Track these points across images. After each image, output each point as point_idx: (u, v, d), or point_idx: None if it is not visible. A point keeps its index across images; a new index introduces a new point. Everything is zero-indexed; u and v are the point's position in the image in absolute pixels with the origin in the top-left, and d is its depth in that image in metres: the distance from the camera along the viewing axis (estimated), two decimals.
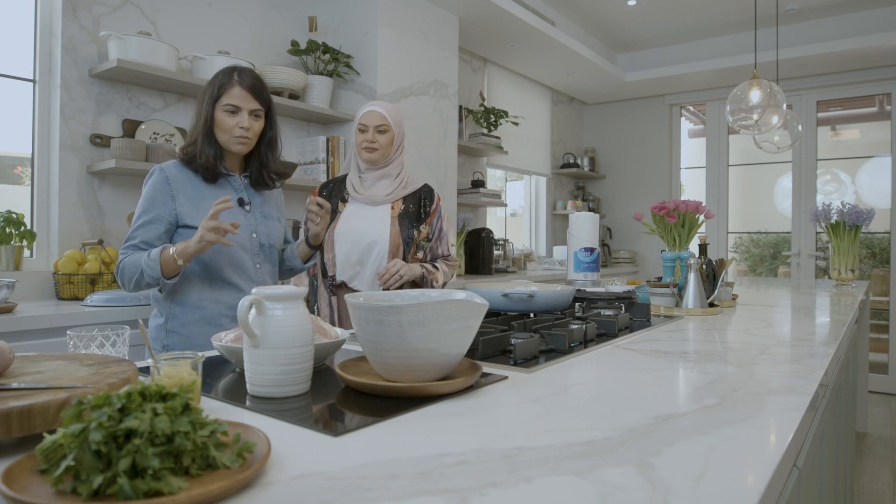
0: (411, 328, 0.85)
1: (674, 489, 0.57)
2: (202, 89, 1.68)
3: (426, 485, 0.58)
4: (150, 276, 1.52)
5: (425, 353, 0.87)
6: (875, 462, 3.48)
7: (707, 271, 2.06)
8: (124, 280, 1.57)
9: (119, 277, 1.58)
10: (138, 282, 1.55)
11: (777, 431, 0.76)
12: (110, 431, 0.53)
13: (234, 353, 1.03)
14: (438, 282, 2.09)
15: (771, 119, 3.40)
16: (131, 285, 1.56)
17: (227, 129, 1.64)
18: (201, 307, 1.65)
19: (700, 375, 1.07)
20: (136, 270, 1.53)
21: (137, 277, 1.54)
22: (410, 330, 0.85)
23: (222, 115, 1.63)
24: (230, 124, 1.64)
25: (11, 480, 0.54)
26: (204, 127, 1.65)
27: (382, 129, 2.05)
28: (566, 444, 0.70)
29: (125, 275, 1.56)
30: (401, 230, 2.03)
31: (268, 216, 1.77)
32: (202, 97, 1.67)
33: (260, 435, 0.65)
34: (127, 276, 1.56)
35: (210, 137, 1.66)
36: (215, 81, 1.66)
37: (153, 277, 1.52)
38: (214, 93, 1.65)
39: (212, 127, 1.65)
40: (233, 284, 1.69)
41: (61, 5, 2.41)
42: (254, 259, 1.74)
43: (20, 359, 0.87)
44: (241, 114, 1.64)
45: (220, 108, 1.64)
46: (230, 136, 1.65)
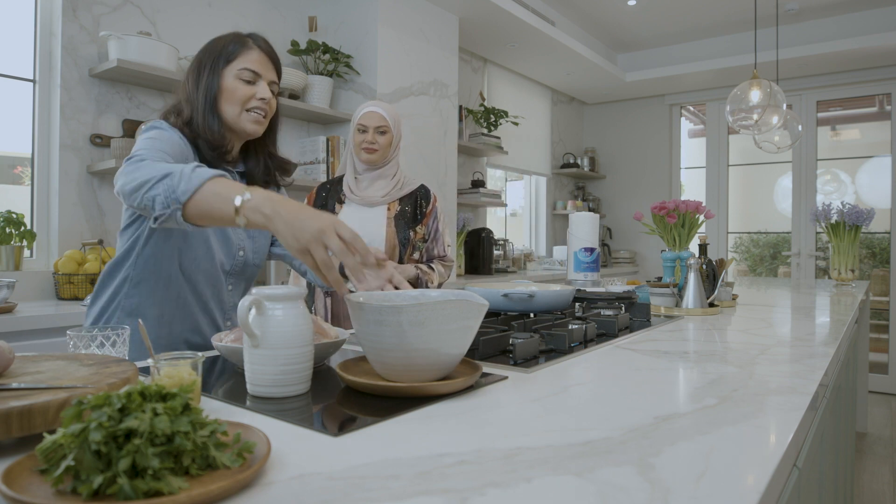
0: (411, 328, 0.85)
1: (674, 489, 0.57)
2: (196, 57, 1.34)
3: (426, 485, 0.58)
4: (160, 192, 1.01)
5: (425, 353, 0.87)
6: (875, 462, 3.48)
7: (707, 271, 2.06)
8: (133, 174, 1.06)
9: (131, 169, 1.08)
10: (141, 188, 1.04)
11: (777, 431, 0.76)
12: (110, 431, 0.53)
13: (233, 354, 1.03)
14: (434, 282, 2.09)
15: (771, 119, 3.40)
16: (130, 185, 1.06)
17: (239, 99, 1.30)
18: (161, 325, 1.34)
19: (700, 375, 1.07)
20: (161, 172, 1.03)
21: (150, 179, 1.03)
22: (410, 330, 0.85)
23: (235, 82, 1.30)
24: (245, 94, 1.30)
25: (11, 480, 0.54)
26: (205, 99, 1.30)
27: (382, 130, 2.05)
28: (566, 444, 0.70)
29: (142, 169, 1.06)
30: (396, 231, 2.03)
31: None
32: (202, 63, 1.32)
33: (260, 435, 0.65)
34: (143, 172, 1.05)
35: (213, 112, 1.31)
36: (222, 44, 1.32)
37: (164, 199, 1.01)
38: (225, 56, 1.31)
39: (216, 99, 1.30)
40: (199, 304, 1.39)
41: (61, 5, 2.41)
42: (228, 279, 1.43)
43: (20, 359, 0.87)
44: (259, 83, 1.31)
45: (230, 75, 1.30)
46: (242, 110, 1.31)
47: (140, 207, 1.05)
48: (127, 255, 1.32)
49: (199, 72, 1.32)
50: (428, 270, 2.07)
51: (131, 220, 1.32)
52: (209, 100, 1.31)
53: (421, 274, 2.04)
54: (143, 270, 1.32)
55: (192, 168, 1.02)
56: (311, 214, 0.91)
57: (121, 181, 1.08)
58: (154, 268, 1.32)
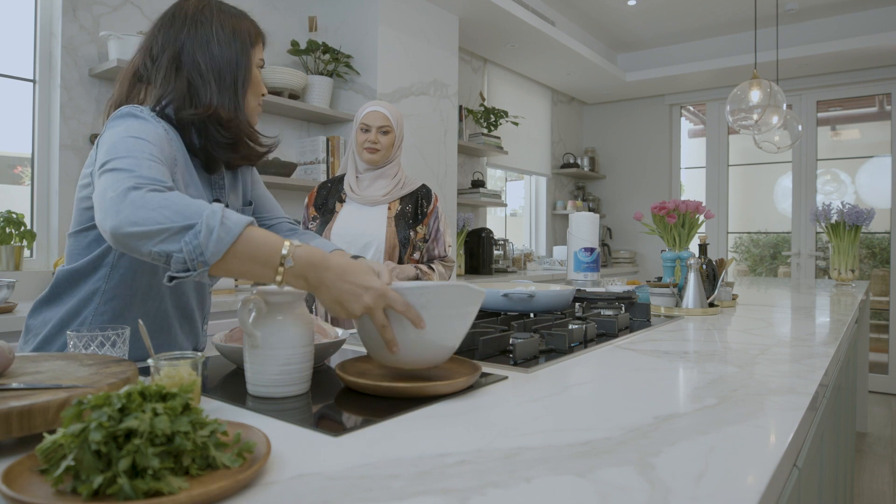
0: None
1: (674, 489, 0.57)
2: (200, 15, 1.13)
3: (426, 485, 0.58)
4: (194, 243, 0.83)
5: (425, 338, 0.88)
6: (875, 462, 3.48)
7: (707, 271, 2.06)
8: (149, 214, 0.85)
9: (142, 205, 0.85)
10: (158, 234, 0.84)
11: (777, 431, 0.76)
12: (110, 431, 0.53)
13: (233, 354, 1.03)
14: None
15: (771, 119, 3.40)
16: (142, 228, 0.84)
17: (259, 92, 1.20)
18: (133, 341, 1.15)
19: (700, 375, 1.07)
20: (186, 217, 0.84)
21: (170, 227, 0.84)
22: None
23: (257, 71, 1.19)
24: (262, 87, 1.21)
25: (11, 480, 0.54)
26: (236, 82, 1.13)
27: (385, 130, 2.05)
28: (566, 444, 0.70)
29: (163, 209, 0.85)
30: (397, 231, 2.03)
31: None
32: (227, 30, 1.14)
33: (260, 435, 0.65)
34: (164, 213, 0.84)
35: (240, 100, 1.15)
36: (244, 20, 1.18)
37: (195, 249, 0.83)
38: (252, 36, 1.17)
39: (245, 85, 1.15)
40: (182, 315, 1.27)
41: (61, 5, 2.41)
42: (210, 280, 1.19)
43: (20, 359, 0.87)
44: (260, 75, 1.23)
45: (254, 61, 1.18)
46: (257, 103, 1.21)
47: (145, 257, 0.87)
48: (94, 266, 1.15)
49: (232, 45, 1.12)
50: (428, 271, 2.07)
51: (94, 224, 1.12)
52: (241, 83, 1.13)
53: (420, 274, 2.03)
54: (119, 284, 1.16)
55: (218, 217, 0.85)
56: (359, 287, 0.86)
57: (119, 219, 0.85)
58: (132, 280, 1.16)
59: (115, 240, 0.87)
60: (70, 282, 1.18)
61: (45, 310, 1.20)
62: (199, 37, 1.12)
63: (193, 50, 1.11)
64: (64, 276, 1.18)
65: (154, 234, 0.84)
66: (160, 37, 1.13)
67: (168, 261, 0.85)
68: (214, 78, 1.11)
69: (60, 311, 1.18)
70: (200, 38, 1.12)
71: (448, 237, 2.17)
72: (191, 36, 1.12)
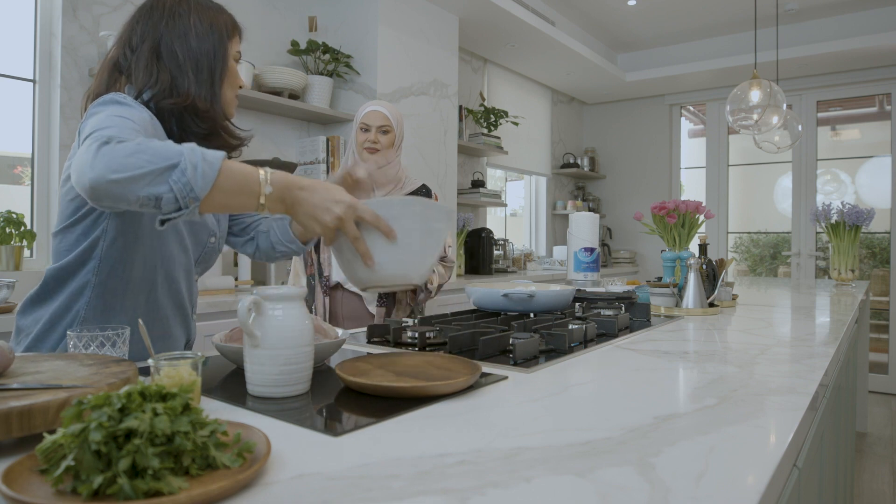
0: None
1: (674, 489, 0.57)
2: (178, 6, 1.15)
3: (426, 485, 0.58)
4: (181, 180, 0.85)
5: (397, 252, 0.92)
6: (875, 462, 3.48)
7: (707, 271, 2.06)
8: (126, 160, 0.85)
9: (117, 155, 0.85)
10: (142, 178, 0.85)
11: (777, 431, 0.76)
12: (110, 431, 0.53)
13: (233, 354, 1.03)
14: (433, 283, 2.06)
15: (771, 119, 3.40)
16: (123, 174, 0.84)
17: (236, 84, 1.21)
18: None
19: (700, 375, 1.07)
20: (165, 158, 0.86)
21: (152, 170, 0.85)
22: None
23: (233, 63, 1.20)
24: (238, 79, 1.23)
25: (11, 480, 0.54)
26: (211, 72, 1.14)
27: (385, 130, 2.05)
28: (566, 444, 0.70)
29: (139, 154, 0.85)
30: None
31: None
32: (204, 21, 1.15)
33: (260, 435, 0.65)
34: (142, 157, 0.85)
35: (216, 90, 1.16)
36: (221, 12, 1.19)
37: (184, 186, 0.85)
38: (229, 28, 1.18)
39: (222, 76, 1.17)
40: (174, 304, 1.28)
41: (61, 5, 2.41)
42: (196, 269, 1.33)
43: (20, 359, 0.87)
44: (238, 67, 1.24)
45: (231, 53, 1.19)
46: (233, 95, 1.22)
47: (133, 205, 0.87)
48: (83, 259, 1.15)
49: (209, 35, 1.14)
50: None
51: (80, 217, 1.13)
52: (218, 74, 1.15)
53: None
54: (110, 276, 1.16)
55: (198, 153, 0.87)
56: (329, 200, 0.93)
57: (96, 171, 0.84)
58: (123, 272, 1.16)
59: (96, 193, 0.86)
60: (59, 279, 1.17)
61: (34, 308, 1.20)
62: (178, 28, 1.13)
63: (171, 41, 1.12)
64: (52, 273, 1.18)
65: (138, 179, 0.84)
66: (139, 28, 1.14)
67: (158, 203, 0.86)
68: (192, 69, 1.12)
69: (51, 308, 1.18)
70: (178, 29, 1.13)
71: (448, 237, 2.17)
72: (169, 27, 1.13)
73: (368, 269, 0.94)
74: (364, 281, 0.97)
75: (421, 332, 1.26)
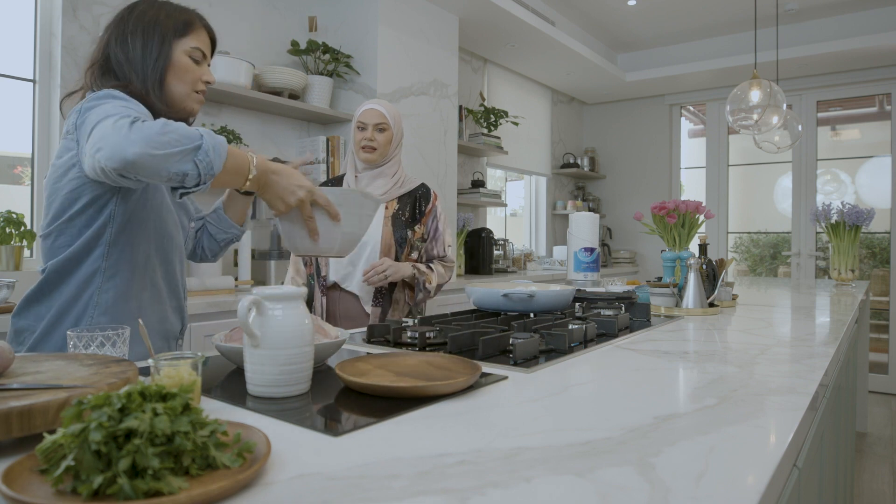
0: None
1: (674, 489, 0.57)
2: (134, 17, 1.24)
3: (426, 485, 0.58)
4: (205, 159, 1.00)
5: (338, 229, 1.19)
6: (875, 462, 3.48)
7: (707, 271, 2.06)
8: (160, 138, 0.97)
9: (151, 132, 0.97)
10: (176, 156, 0.98)
11: (777, 431, 0.76)
12: (110, 431, 0.53)
13: (233, 354, 1.03)
14: (432, 283, 2.05)
15: (771, 119, 3.40)
16: (162, 150, 0.96)
17: (191, 80, 1.26)
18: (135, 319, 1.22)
19: (700, 375, 1.07)
20: (191, 139, 0.99)
21: (183, 149, 0.98)
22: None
23: (186, 60, 1.25)
24: (196, 74, 1.27)
25: (11, 480, 0.54)
26: (155, 70, 1.21)
27: (382, 128, 2.03)
28: (566, 444, 0.70)
29: (169, 133, 0.98)
30: (393, 231, 2.01)
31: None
32: (146, 28, 1.23)
33: (260, 435, 0.65)
34: (173, 136, 0.98)
35: (161, 86, 1.23)
36: (170, 13, 1.26)
37: (206, 165, 1.00)
38: (177, 28, 1.25)
39: (165, 72, 1.23)
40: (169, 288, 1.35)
41: (61, 5, 2.41)
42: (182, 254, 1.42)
43: (20, 358, 0.87)
44: (204, 64, 1.29)
45: (181, 51, 1.25)
46: (191, 91, 1.27)
47: (163, 179, 0.99)
48: (88, 248, 1.20)
49: (145, 37, 1.22)
50: (426, 270, 2.05)
51: (83, 207, 1.17)
52: (159, 72, 1.22)
53: (417, 274, 2.02)
54: (119, 260, 1.21)
55: (213, 136, 1.02)
56: (294, 185, 1.14)
57: (138, 146, 0.94)
58: (130, 255, 1.23)
59: (135, 167, 0.96)
60: (62, 272, 1.20)
61: (35, 306, 1.21)
62: (121, 34, 1.24)
63: (117, 47, 1.23)
64: (55, 267, 1.20)
65: (173, 155, 0.97)
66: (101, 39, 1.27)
67: (183, 178, 1.00)
68: (136, 70, 1.22)
69: (57, 302, 1.20)
70: (122, 35, 1.23)
71: (448, 237, 2.15)
72: (114, 35, 1.24)
73: (311, 241, 1.19)
74: (303, 249, 1.21)
75: (421, 331, 1.26)
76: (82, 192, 1.17)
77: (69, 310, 1.20)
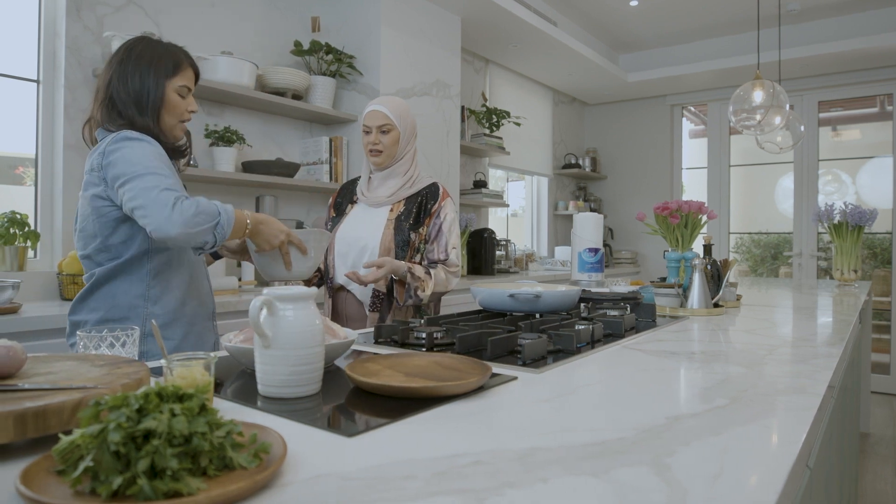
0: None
1: (691, 490, 0.57)
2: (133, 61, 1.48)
3: (443, 485, 0.58)
4: (221, 231, 1.35)
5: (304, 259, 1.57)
6: (878, 462, 3.48)
7: (712, 272, 2.06)
8: (194, 219, 1.30)
9: (188, 215, 1.30)
10: (204, 232, 1.33)
11: (790, 432, 0.76)
12: (129, 432, 0.53)
13: (243, 355, 1.03)
14: (425, 290, 1.87)
15: (774, 119, 3.41)
16: (195, 230, 1.31)
17: (179, 113, 1.52)
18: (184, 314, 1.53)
19: (708, 376, 1.07)
20: (213, 217, 1.33)
21: (209, 227, 1.33)
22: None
23: (175, 97, 1.51)
24: (183, 108, 1.53)
25: (29, 481, 0.54)
26: (153, 108, 1.48)
27: (386, 129, 1.95)
28: (580, 445, 0.70)
29: (200, 215, 1.31)
30: (394, 234, 1.92)
31: None
32: (142, 66, 1.47)
33: (275, 436, 0.65)
34: (203, 217, 1.32)
35: (156, 121, 1.49)
36: (162, 56, 1.50)
37: (221, 235, 1.36)
38: (167, 70, 1.49)
39: (159, 109, 1.49)
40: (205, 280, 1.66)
41: (65, 6, 2.41)
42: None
43: (31, 359, 0.87)
44: (189, 98, 1.54)
45: (171, 89, 1.50)
46: (176, 121, 1.53)
47: (189, 246, 1.39)
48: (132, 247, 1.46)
49: (142, 79, 1.47)
50: (423, 276, 1.88)
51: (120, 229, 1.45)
52: (156, 109, 1.48)
53: (410, 278, 1.86)
54: (161, 262, 1.49)
55: (226, 212, 1.37)
56: (276, 231, 1.50)
57: (178, 228, 1.29)
58: (175, 254, 1.52)
59: (174, 241, 1.34)
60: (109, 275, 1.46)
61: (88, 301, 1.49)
62: (122, 73, 1.47)
63: (118, 84, 1.47)
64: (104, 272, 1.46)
65: (201, 233, 1.33)
66: (104, 75, 1.49)
67: (204, 245, 1.37)
68: (133, 104, 1.47)
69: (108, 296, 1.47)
70: (123, 74, 1.47)
71: (454, 239, 1.99)
72: (116, 74, 1.47)
73: (286, 270, 1.55)
74: (278, 276, 1.56)
75: (429, 332, 1.26)
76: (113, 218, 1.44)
77: (120, 304, 1.46)
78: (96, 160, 1.41)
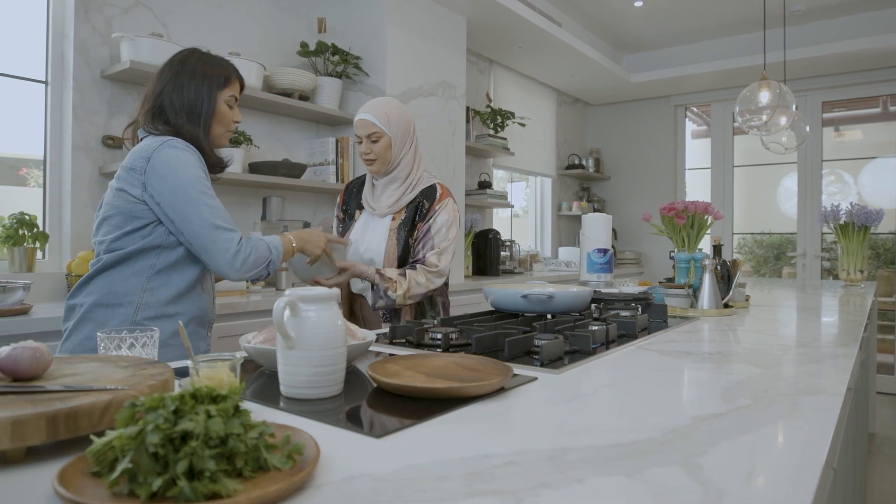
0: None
1: (726, 490, 0.57)
2: (187, 72, 1.54)
3: (477, 486, 0.58)
4: (273, 266, 1.52)
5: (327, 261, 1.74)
6: (884, 463, 3.48)
7: (721, 272, 2.06)
8: (253, 265, 1.47)
9: (248, 265, 1.46)
10: (259, 272, 1.50)
11: (817, 432, 0.76)
12: (167, 433, 0.53)
13: (263, 355, 1.03)
14: (397, 290, 1.80)
15: (780, 120, 3.41)
16: (252, 272, 1.48)
17: (228, 123, 1.58)
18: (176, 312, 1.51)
19: (727, 376, 1.07)
20: (266, 259, 1.50)
21: (263, 267, 1.50)
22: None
23: (225, 107, 1.57)
24: (231, 119, 1.59)
25: (66, 482, 0.54)
26: (204, 118, 1.53)
27: (375, 138, 1.86)
28: (609, 445, 0.70)
29: (256, 259, 1.48)
30: (397, 243, 1.87)
31: None
32: (196, 78, 1.53)
33: (308, 437, 0.65)
34: (258, 260, 1.48)
35: (207, 132, 1.55)
36: (215, 68, 1.56)
37: (273, 269, 1.53)
38: (220, 81, 1.55)
39: (210, 119, 1.55)
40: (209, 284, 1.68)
41: (73, 7, 2.41)
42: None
43: (56, 360, 0.87)
44: (235, 108, 1.60)
45: (222, 100, 1.56)
46: (225, 131, 1.59)
47: (246, 279, 1.51)
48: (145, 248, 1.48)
49: (196, 90, 1.52)
50: (394, 277, 1.81)
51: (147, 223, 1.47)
52: (207, 119, 1.53)
53: (380, 280, 1.81)
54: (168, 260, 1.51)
55: (276, 248, 1.54)
56: (316, 240, 1.66)
57: (240, 273, 1.46)
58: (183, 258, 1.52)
59: (234, 281, 1.52)
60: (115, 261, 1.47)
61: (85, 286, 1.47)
62: (177, 83, 1.52)
63: (171, 93, 1.52)
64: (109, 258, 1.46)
65: (257, 273, 1.50)
66: (156, 83, 1.55)
67: (259, 278, 1.53)
68: (185, 114, 1.52)
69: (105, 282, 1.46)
70: (177, 84, 1.52)
71: (438, 239, 1.88)
72: (170, 83, 1.53)
73: (314, 269, 1.73)
74: (307, 276, 1.76)
75: (445, 333, 1.27)
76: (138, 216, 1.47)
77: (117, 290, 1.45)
78: (139, 163, 1.44)
